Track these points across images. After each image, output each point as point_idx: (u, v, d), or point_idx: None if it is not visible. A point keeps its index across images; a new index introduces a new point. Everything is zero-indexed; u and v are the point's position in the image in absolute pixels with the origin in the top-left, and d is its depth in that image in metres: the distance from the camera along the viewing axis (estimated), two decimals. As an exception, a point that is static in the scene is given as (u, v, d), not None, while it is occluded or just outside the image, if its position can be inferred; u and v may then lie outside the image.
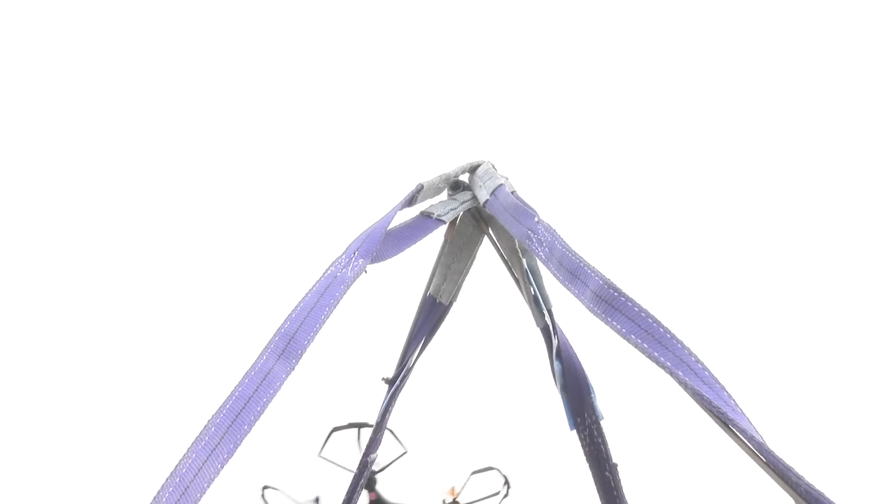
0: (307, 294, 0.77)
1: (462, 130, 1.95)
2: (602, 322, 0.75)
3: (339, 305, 0.77)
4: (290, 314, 0.75)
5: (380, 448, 1.19)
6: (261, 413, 0.66)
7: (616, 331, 0.73)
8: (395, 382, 1.12)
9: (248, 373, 0.68)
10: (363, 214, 0.91)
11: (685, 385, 0.66)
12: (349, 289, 0.79)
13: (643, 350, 0.70)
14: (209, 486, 0.60)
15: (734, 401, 0.68)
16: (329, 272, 0.80)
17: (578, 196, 1.91)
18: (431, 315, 1.11)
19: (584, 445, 1.10)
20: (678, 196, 1.96)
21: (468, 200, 1.01)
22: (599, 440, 1.09)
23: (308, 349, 0.73)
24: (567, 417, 1.10)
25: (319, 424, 1.34)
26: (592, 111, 2.01)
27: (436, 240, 1.06)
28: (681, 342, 0.70)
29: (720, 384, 0.68)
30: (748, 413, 0.69)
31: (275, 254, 1.90)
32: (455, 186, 1.03)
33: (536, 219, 0.90)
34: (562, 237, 0.86)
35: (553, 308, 1.09)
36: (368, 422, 1.30)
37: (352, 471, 1.23)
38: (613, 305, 0.74)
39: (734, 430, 0.65)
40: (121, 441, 1.74)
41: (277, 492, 1.36)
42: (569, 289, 0.81)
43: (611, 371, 1.17)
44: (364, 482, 1.21)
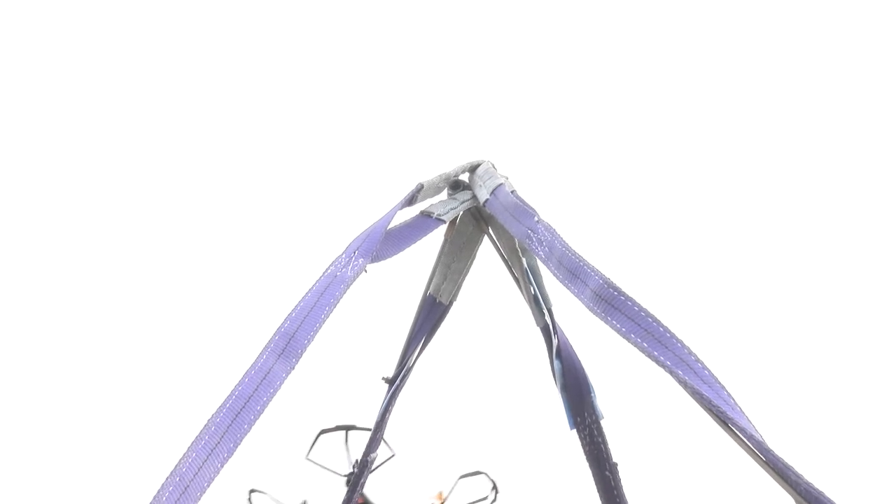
0: (307, 293, 0.77)
1: (462, 130, 1.95)
2: (602, 321, 0.75)
3: (339, 305, 0.77)
4: (290, 313, 0.75)
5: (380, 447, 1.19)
6: (261, 412, 0.66)
7: (616, 330, 0.73)
8: (396, 382, 1.12)
9: (248, 372, 0.69)
10: (363, 214, 0.91)
11: (685, 384, 0.66)
12: (349, 288, 0.79)
13: (643, 349, 0.70)
14: (209, 486, 0.60)
15: (734, 400, 0.68)
16: (329, 271, 0.80)
17: (578, 195, 1.91)
18: (431, 314, 1.11)
19: (585, 445, 1.10)
20: (678, 195, 1.96)
21: (468, 200, 1.01)
22: (599, 440, 1.09)
23: (308, 348, 0.73)
24: (567, 417, 1.10)
25: (319, 424, 1.34)
26: (592, 111, 2.01)
27: (436, 239, 1.06)
28: (681, 341, 0.70)
29: (720, 383, 0.68)
30: (748, 412, 0.69)
31: (275, 253, 1.90)
32: (455, 186, 1.03)
33: (536, 218, 0.90)
34: (561, 236, 0.86)
35: (553, 307, 1.09)
36: (357, 424, 1.30)
37: (340, 474, 1.23)
38: (613, 305, 0.74)
39: (734, 429, 0.65)
40: (121, 440, 1.74)
41: (265, 495, 1.34)
42: (569, 288, 0.81)
43: (611, 370, 1.17)
44: (364, 481, 1.21)
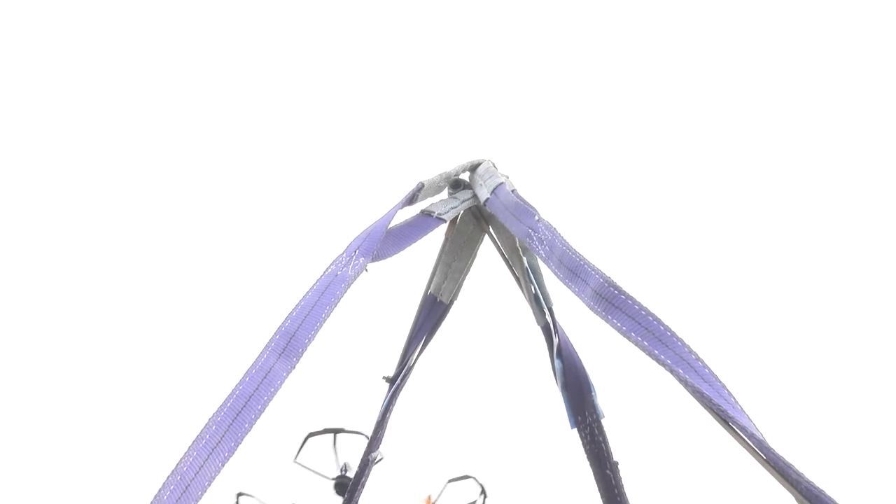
0: (308, 292, 0.77)
1: (462, 129, 1.94)
2: (602, 320, 0.75)
3: (340, 304, 0.77)
4: (291, 313, 0.75)
5: (381, 446, 1.19)
6: (261, 412, 0.66)
7: (616, 329, 0.73)
8: (396, 381, 1.13)
9: (249, 371, 0.69)
10: (364, 213, 0.91)
11: (685, 383, 0.66)
12: (350, 287, 0.79)
13: (643, 348, 0.70)
14: (210, 485, 0.60)
15: (734, 398, 0.68)
16: (330, 271, 0.80)
17: (579, 194, 1.91)
18: (432, 314, 1.11)
19: (585, 444, 1.10)
20: (678, 194, 1.96)
21: (469, 199, 1.02)
22: (600, 438, 1.09)
23: (308, 348, 0.73)
24: (568, 416, 1.10)
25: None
26: (592, 110, 2.01)
27: (436, 238, 1.06)
28: (681, 340, 0.70)
29: (720, 382, 0.68)
30: (748, 410, 0.69)
31: (276, 252, 1.90)
32: (455, 185, 1.03)
33: (537, 217, 0.90)
34: (562, 235, 0.86)
35: (553, 306, 1.09)
36: (345, 427, 1.29)
37: (328, 477, 1.23)
38: (614, 303, 0.74)
39: (734, 428, 0.65)
40: (122, 439, 1.74)
41: (252, 499, 1.34)
42: (569, 287, 0.81)
43: (611, 369, 1.17)
44: (366, 480, 1.21)
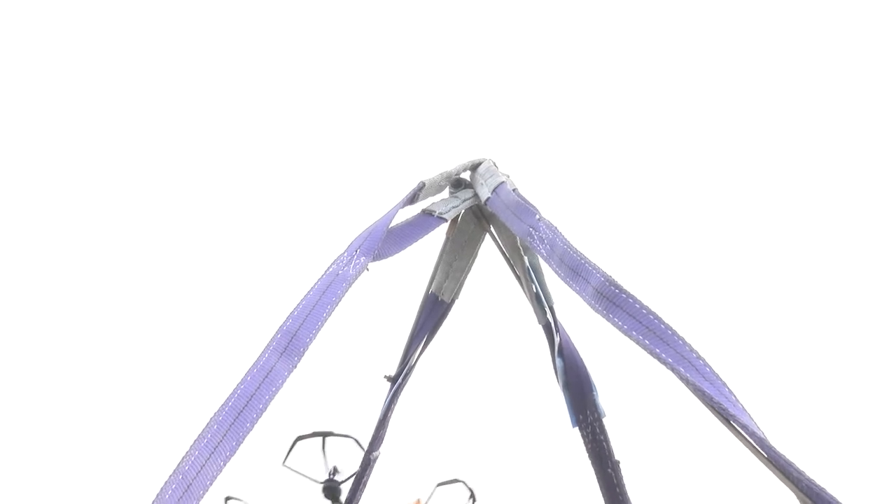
0: (309, 292, 0.77)
1: (463, 128, 1.94)
2: (604, 319, 0.75)
3: (341, 303, 0.77)
4: (292, 312, 0.75)
5: (382, 445, 1.20)
6: (263, 411, 0.66)
7: (618, 327, 0.73)
8: (398, 380, 1.13)
9: (251, 370, 0.69)
10: (365, 212, 0.91)
11: (686, 381, 0.66)
12: (351, 287, 0.79)
13: (645, 346, 0.70)
14: (212, 484, 0.61)
15: (735, 396, 0.69)
16: (331, 270, 0.80)
17: (580, 193, 1.91)
18: (433, 313, 1.11)
19: (587, 443, 1.10)
20: (679, 193, 1.96)
21: (470, 198, 1.02)
22: (602, 437, 1.09)
23: (310, 347, 0.73)
24: (569, 415, 1.10)
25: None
26: (593, 110, 2.01)
27: (437, 238, 1.06)
28: (682, 338, 0.70)
29: (721, 380, 0.68)
30: (750, 409, 0.69)
31: (277, 252, 1.90)
32: (456, 184, 1.03)
33: (538, 216, 0.90)
34: (563, 234, 0.86)
35: (555, 305, 1.09)
36: (333, 430, 1.29)
37: (316, 481, 1.23)
38: (615, 302, 0.75)
39: (735, 426, 0.65)
40: (124, 439, 1.74)
41: (240, 502, 1.33)
42: (570, 286, 0.81)
43: (613, 368, 1.17)
44: (367, 480, 1.21)
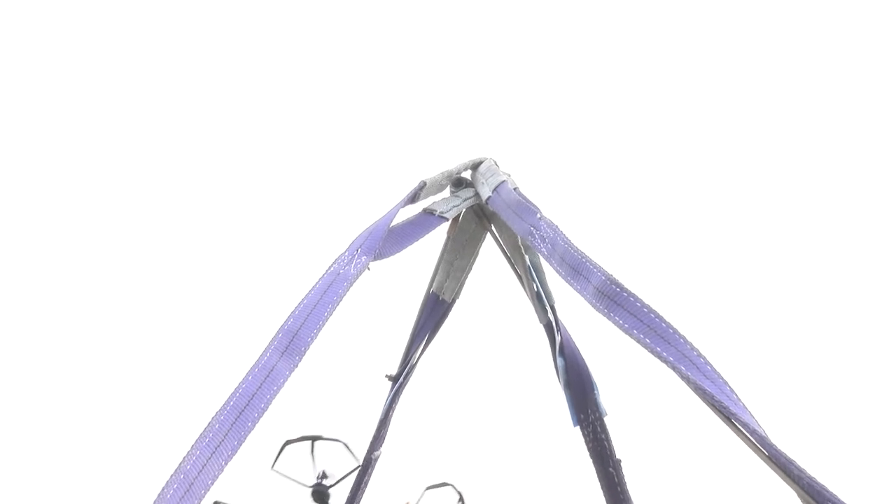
0: (310, 291, 0.77)
1: (464, 128, 1.94)
2: (605, 318, 0.76)
3: (343, 302, 0.77)
4: (294, 311, 0.75)
5: (384, 445, 1.20)
6: (264, 410, 0.66)
7: (619, 326, 0.73)
8: (399, 379, 1.13)
9: (252, 370, 0.69)
10: (366, 211, 0.91)
11: (688, 380, 0.66)
12: (352, 286, 0.79)
13: (646, 345, 0.71)
14: (213, 483, 0.61)
15: (737, 395, 0.69)
16: (332, 269, 0.80)
17: (580, 192, 1.91)
18: (434, 312, 1.12)
19: (588, 442, 1.10)
20: (679, 192, 1.96)
21: (471, 197, 1.02)
22: (603, 436, 1.09)
23: (311, 346, 0.73)
24: (570, 414, 1.10)
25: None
26: (594, 109, 2.01)
27: (438, 237, 1.06)
28: (683, 337, 0.70)
29: (722, 379, 0.68)
30: (751, 407, 0.69)
31: (278, 251, 1.90)
32: (457, 183, 1.03)
33: (539, 215, 0.90)
34: (564, 233, 0.86)
35: (556, 304, 1.09)
36: (332, 431, 1.29)
37: (305, 485, 1.23)
38: (616, 301, 0.75)
39: (736, 425, 0.65)
40: (125, 438, 1.74)
41: None
42: (571, 285, 0.81)
43: (614, 367, 1.17)
44: (368, 479, 1.21)
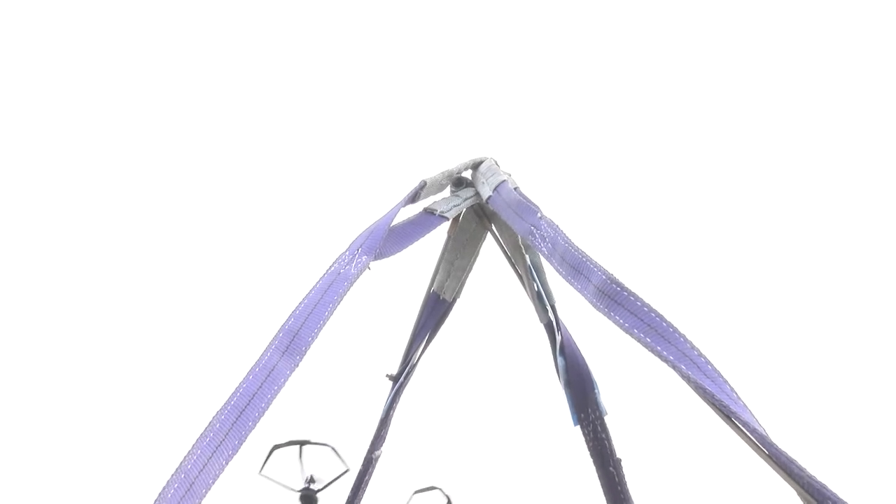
0: (311, 291, 0.78)
1: (464, 127, 1.95)
2: (605, 317, 0.76)
3: (343, 302, 0.78)
4: (294, 311, 0.75)
5: (384, 444, 1.20)
6: (265, 409, 0.67)
7: (619, 325, 0.74)
8: (400, 379, 1.13)
9: (253, 369, 0.69)
10: (366, 211, 0.91)
11: (688, 379, 0.66)
12: (353, 285, 0.79)
13: (646, 344, 0.71)
14: (214, 482, 0.61)
15: (737, 394, 0.69)
16: (333, 269, 0.80)
17: (581, 192, 1.91)
18: (435, 312, 1.12)
19: (588, 441, 1.10)
20: (680, 192, 1.96)
21: (471, 197, 1.02)
22: (603, 435, 1.09)
23: (312, 346, 0.73)
24: (571, 413, 1.10)
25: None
26: (594, 109, 2.01)
27: (439, 236, 1.06)
28: (683, 336, 0.70)
29: (723, 378, 0.68)
30: (751, 406, 0.69)
31: (278, 251, 1.90)
32: (458, 183, 1.03)
33: (539, 215, 0.91)
34: (564, 233, 0.86)
35: (556, 304, 1.09)
36: (310, 439, 1.29)
37: (293, 489, 1.23)
38: (616, 300, 0.75)
39: (737, 424, 0.65)
40: (126, 437, 1.74)
41: None
42: (572, 284, 0.81)
43: (614, 366, 1.17)
44: (369, 479, 1.21)
